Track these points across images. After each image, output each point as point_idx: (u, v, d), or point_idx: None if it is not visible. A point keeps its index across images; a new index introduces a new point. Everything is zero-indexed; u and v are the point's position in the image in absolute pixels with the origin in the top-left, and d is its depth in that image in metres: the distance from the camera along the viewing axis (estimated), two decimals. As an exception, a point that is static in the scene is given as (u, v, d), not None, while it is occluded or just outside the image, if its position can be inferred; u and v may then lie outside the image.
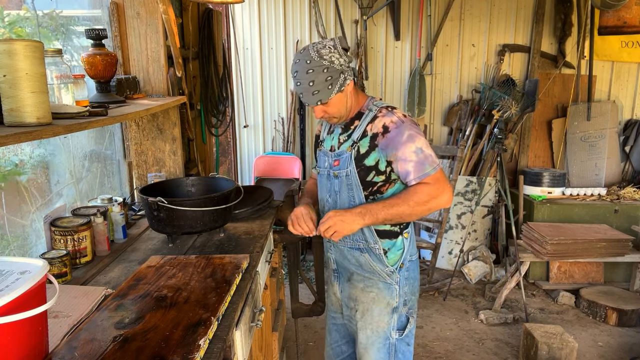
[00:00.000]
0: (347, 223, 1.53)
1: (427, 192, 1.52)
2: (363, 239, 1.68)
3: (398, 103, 4.46)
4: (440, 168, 1.55)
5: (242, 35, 4.32)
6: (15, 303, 0.89)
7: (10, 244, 1.62)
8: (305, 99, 1.57)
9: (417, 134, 1.54)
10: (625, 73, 4.43)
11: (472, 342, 3.10)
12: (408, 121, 1.56)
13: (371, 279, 1.71)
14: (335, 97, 1.56)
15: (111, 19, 2.18)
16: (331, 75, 1.52)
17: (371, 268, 1.70)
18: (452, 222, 4.12)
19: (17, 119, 1.06)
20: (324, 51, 1.51)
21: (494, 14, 4.32)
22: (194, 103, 2.84)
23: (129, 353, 1.04)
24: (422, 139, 1.54)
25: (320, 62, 1.51)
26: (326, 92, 1.53)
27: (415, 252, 1.76)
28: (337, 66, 1.53)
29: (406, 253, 1.70)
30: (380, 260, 1.68)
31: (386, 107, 1.60)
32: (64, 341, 1.10)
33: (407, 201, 1.53)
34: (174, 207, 1.65)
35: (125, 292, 1.33)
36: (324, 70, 1.51)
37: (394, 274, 1.68)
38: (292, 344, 2.90)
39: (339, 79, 1.54)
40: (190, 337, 1.10)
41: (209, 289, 1.36)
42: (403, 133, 1.53)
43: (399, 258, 1.68)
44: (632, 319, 3.28)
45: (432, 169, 1.53)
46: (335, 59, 1.53)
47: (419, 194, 1.52)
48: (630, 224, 3.76)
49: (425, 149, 1.53)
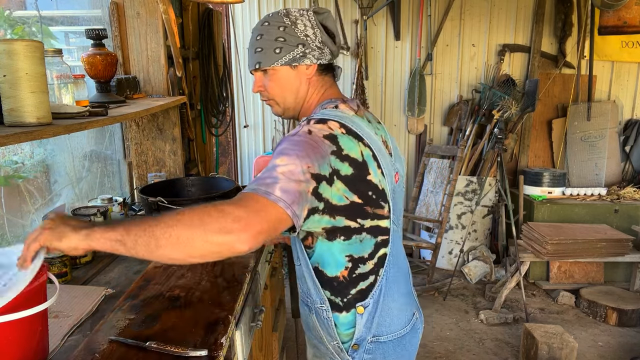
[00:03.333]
0: (61, 224, 0.93)
1: (214, 208, 0.89)
2: (309, 293, 1.22)
3: (398, 103, 4.46)
4: (272, 201, 0.92)
5: (242, 35, 4.32)
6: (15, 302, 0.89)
7: (11, 244, 1.62)
8: (248, 58, 1.24)
9: (291, 154, 0.99)
10: (625, 73, 4.43)
11: (472, 342, 3.10)
12: (302, 136, 1.04)
13: (319, 348, 1.27)
14: (281, 70, 1.18)
15: (111, 19, 2.18)
16: (285, 38, 1.15)
17: (319, 335, 1.24)
18: (452, 222, 4.12)
19: (17, 119, 1.06)
20: (295, 13, 1.18)
21: (494, 14, 4.32)
22: (194, 103, 2.84)
23: (152, 354, 1.04)
24: (292, 161, 0.97)
25: (281, 19, 1.17)
26: (271, 55, 1.16)
27: (394, 331, 1.21)
28: (299, 33, 1.16)
29: (363, 333, 1.18)
30: (327, 328, 1.20)
31: (318, 118, 1.10)
32: (84, 343, 1.10)
33: (175, 213, 0.91)
34: (174, 207, 1.64)
35: (137, 293, 1.34)
36: (279, 27, 1.16)
37: (343, 354, 1.20)
38: (292, 344, 2.90)
39: (295, 49, 1.16)
40: (211, 335, 1.12)
41: (221, 288, 1.37)
42: (279, 146, 1.05)
43: (350, 337, 1.19)
44: (632, 319, 3.27)
45: (254, 187, 0.94)
46: (301, 25, 1.16)
47: (202, 207, 0.91)
48: (631, 224, 3.76)
49: (279, 168, 0.97)
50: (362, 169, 1.07)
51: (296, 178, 0.96)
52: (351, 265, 1.14)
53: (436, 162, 4.24)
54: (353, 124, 1.11)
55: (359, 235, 1.11)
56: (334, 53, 1.22)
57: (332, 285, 1.17)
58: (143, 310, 1.24)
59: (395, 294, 1.21)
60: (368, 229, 1.12)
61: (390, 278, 1.19)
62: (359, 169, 1.07)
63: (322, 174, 1.01)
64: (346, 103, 1.19)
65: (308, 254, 1.17)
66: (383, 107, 4.47)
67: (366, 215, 1.10)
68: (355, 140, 1.08)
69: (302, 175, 0.97)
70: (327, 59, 1.21)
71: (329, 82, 1.25)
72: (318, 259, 1.16)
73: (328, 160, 1.02)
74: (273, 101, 1.25)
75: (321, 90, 1.24)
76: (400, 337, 1.23)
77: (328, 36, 1.20)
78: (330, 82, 1.25)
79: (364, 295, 1.17)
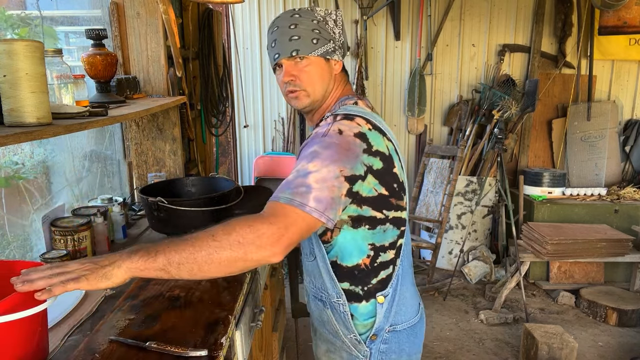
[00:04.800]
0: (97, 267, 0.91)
1: (252, 224, 0.94)
2: (323, 288, 1.24)
3: (398, 103, 4.46)
4: (301, 210, 0.96)
5: (242, 35, 4.32)
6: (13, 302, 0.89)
7: (10, 244, 1.62)
8: (277, 48, 1.19)
9: (324, 157, 1.01)
10: (625, 73, 4.43)
11: (472, 342, 3.10)
12: (333, 137, 1.06)
13: (334, 343, 1.28)
14: (317, 61, 1.19)
15: (111, 19, 2.18)
16: (320, 31, 1.18)
17: (334, 329, 1.25)
18: (452, 222, 4.12)
19: (17, 119, 1.06)
20: (320, 12, 1.22)
21: (494, 14, 4.32)
22: (194, 103, 2.84)
23: (152, 354, 1.04)
24: (325, 165, 1.00)
25: (312, 14, 1.20)
26: (309, 44, 1.17)
27: (408, 320, 1.25)
28: (329, 29, 1.20)
29: (382, 323, 1.21)
30: (344, 322, 1.23)
31: (344, 114, 1.13)
32: (84, 343, 1.10)
33: (212, 231, 0.94)
34: (174, 207, 1.64)
35: (137, 293, 1.34)
36: (313, 20, 1.19)
37: (360, 345, 1.22)
38: (292, 344, 2.90)
39: (328, 44, 1.20)
40: (211, 335, 1.12)
41: (221, 288, 1.37)
42: (311, 146, 1.06)
43: (369, 327, 1.22)
44: (632, 319, 3.28)
45: (288, 197, 0.97)
46: (331, 23, 1.21)
47: (238, 224, 0.95)
48: (631, 224, 3.76)
49: (312, 175, 0.99)
50: (389, 162, 1.13)
51: (330, 184, 1.00)
52: (373, 254, 1.18)
53: (436, 162, 4.24)
54: (375, 120, 1.16)
55: (383, 225, 1.16)
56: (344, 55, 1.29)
57: (353, 275, 1.20)
58: (143, 310, 1.24)
59: (408, 283, 1.27)
60: (391, 219, 1.17)
61: (404, 268, 1.25)
62: (387, 162, 1.12)
63: (356, 175, 1.05)
64: (363, 100, 1.25)
65: (326, 248, 1.20)
66: (383, 107, 4.47)
67: (391, 206, 1.16)
68: (381, 135, 1.13)
69: (336, 179, 1.01)
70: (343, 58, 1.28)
71: (346, 80, 1.31)
72: (338, 252, 1.19)
73: (360, 159, 1.06)
74: (304, 92, 1.21)
75: (340, 87, 1.27)
76: (413, 326, 1.27)
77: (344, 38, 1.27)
78: (347, 81, 1.31)
79: (384, 284, 1.21)
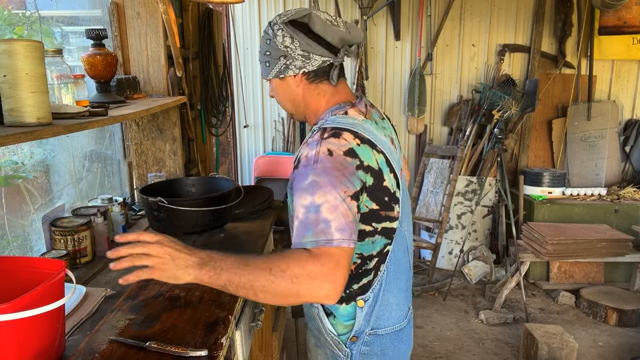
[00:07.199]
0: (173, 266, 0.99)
1: (305, 264, 0.96)
2: None
3: (398, 103, 4.46)
4: (338, 246, 0.98)
5: (242, 35, 4.32)
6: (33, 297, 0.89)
7: (10, 243, 1.62)
8: None
9: (324, 185, 1.01)
10: (625, 73, 4.43)
11: (472, 342, 3.10)
12: (325, 161, 1.03)
13: (319, 339, 1.29)
14: (274, 82, 1.22)
15: (111, 19, 2.18)
16: (270, 52, 1.17)
17: (318, 326, 1.26)
18: (452, 222, 4.12)
19: (17, 119, 1.06)
20: (279, 23, 1.15)
21: (494, 14, 4.32)
22: (194, 103, 2.84)
23: (152, 354, 1.04)
24: (329, 193, 1.00)
25: (267, 32, 1.18)
26: (264, 68, 1.21)
27: (392, 325, 1.24)
28: (279, 45, 1.14)
29: (362, 326, 1.20)
30: (322, 322, 1.24)
31: (331, 128, 1.09)
32: (84, 343, 1.10)
33: (270, 264, 0.97)
34: (174, 207, 1.64)
35: (137, 293, 1.34)
36: (266, 41, 1.17)
37: (341, 345, 1.22)
38: (292, 344, 2.90)
39: (278, 62, 1.16)
40: (211, 336, 1.12)
41: None
42: (306, 177, 1.03)
43: (349, 329, 1.21)
44: (632, 319, 3.28)
45: (313, 240, 0.99)
46: (280, 37, 1.14)
47: (293, 261, 0.97)
48: (631, 224, 3.76)
49: (323, 207, 1.00)
50: (379, 177, 1.10)
51: (342, 210, 1.01)
52: (359, 262, 1.18)
53: (436, 162, 4.24)
54: (365, 131, 1.11)
55: (372, 237, 1.15)
56: (327, 55, 1.15)
57: None
58: (143, 310, 1.24)
59: (394, 289, 1.23)
60: (380, 231, 1.15)
61: (391, 274, 1.22)
62: (377, 177, 1.10)
63: (357, 190, 1.05)
64: (355, 107, 1.18)
65: None
66: (383, 107, 4.46)
67: (380, 218, 1.14)
68: (370, 149, 1.10)
69: (344, 203, 1.01)
70: (317, 65, 1.15)
71: (328, 86, 1.20)
72: None
73: (357, 175, 1.05)
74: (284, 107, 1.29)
75: (325, 95, 1.21)
76: (398, 331, 1.26)
77: (314, 40, 1.13)
78: (330, 87, 1.20)
79: (365, 289, 1.20)
